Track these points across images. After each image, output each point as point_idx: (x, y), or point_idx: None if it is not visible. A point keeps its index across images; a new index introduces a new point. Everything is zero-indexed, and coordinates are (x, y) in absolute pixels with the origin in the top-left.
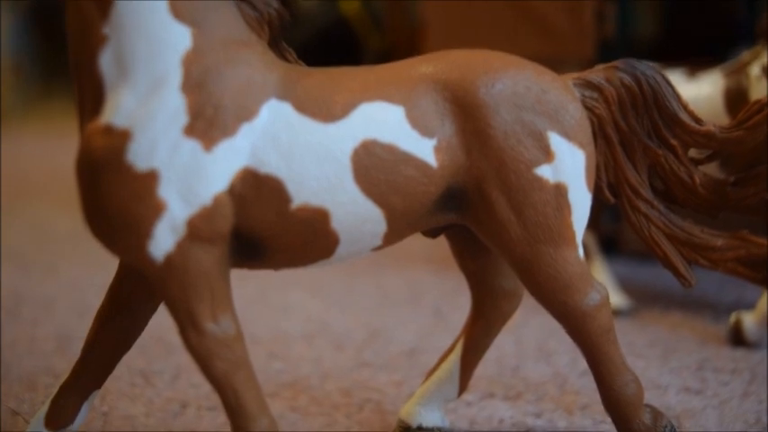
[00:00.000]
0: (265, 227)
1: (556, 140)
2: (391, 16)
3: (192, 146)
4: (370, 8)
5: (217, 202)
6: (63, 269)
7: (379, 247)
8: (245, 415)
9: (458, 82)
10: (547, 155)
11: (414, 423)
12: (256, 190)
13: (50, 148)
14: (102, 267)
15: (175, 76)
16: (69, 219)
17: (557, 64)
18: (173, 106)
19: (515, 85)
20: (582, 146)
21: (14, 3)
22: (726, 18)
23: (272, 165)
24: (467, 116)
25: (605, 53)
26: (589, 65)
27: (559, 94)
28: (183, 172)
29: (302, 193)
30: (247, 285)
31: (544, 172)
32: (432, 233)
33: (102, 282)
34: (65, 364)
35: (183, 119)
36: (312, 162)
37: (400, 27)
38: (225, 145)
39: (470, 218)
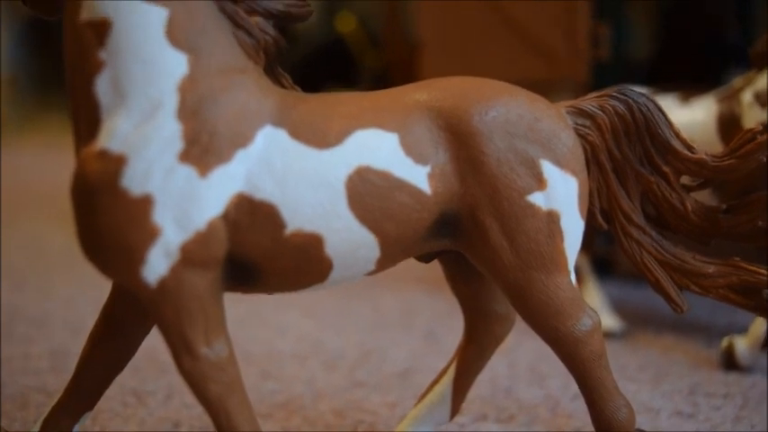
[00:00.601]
0: (260, 252)
1: (548, 168)
2: (388, 35)
3: (186, 172)
4: (366, 27)
5: (211, 227)
6: (58, 285)
7: (373, 272)
8: None
9: (452, 110)
10: (539, 182)
11: None
12: (251, 215)
13: (46, 163)
14: (98, 284)
15: (171, 102)
16: (65, 234)
17: (552, 86)
18: (168, 132)
19: (508, 112)
20: (574, 173)
21: (12, 17)
22: (719, 41)
23: (266, 190)
24: (460, 143)
25: (600, 76)
26: (584, 87)
27: (552, 122)
28: (177, 197)
29: (296, 219)
30: (241, 304)
31: (537, 199)
32: (425, 258)
33: (98, 298)
34: (58, 383)
35: (178, 145)
36: (307, 188)
37: (396, 46)
38: (220, 171)
39: (464, 244)
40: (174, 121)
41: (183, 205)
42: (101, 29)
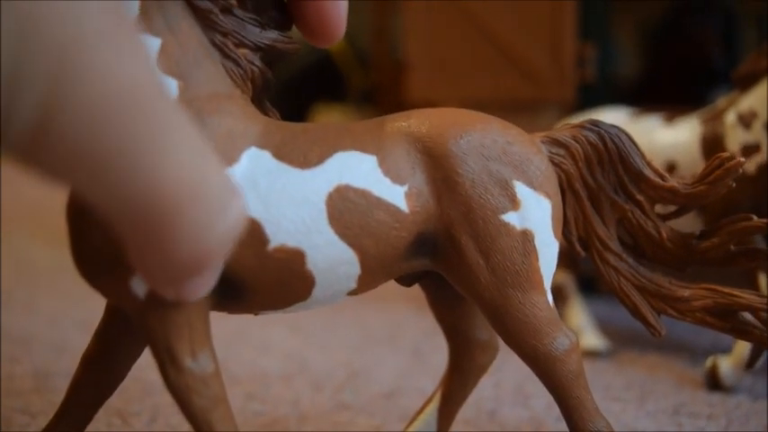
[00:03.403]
0: (244, 267)
1: (522, 189)
2: (375, 54)
3: None
4: (354, 46)
5: None
6: (42, 304)
7: (355, 292)
8: None
9: (428, 134)
10: (513, 202)
11: None
12: None
13: (33, 181)
14: (81, 303)
15: None
16: (49, 253)
17: (538, 106)
18: None
19: (483, 137)
20: (548, 195)
21: None
22: (704, 63)
23: (251, 207)
24: (436, 165)
25: (586, 96)
26: (570, 107)
27: (524, 146)
28: None
29: (279, 235)
30: (227, 324)
31: (511, 218)
32: (407, 281)
33: (82, 318)
34: (42, 404)
35: None
36: (289, 205)
37: (384, 65)
38: None
39: (442, 264)
40: None
41: None
42: None
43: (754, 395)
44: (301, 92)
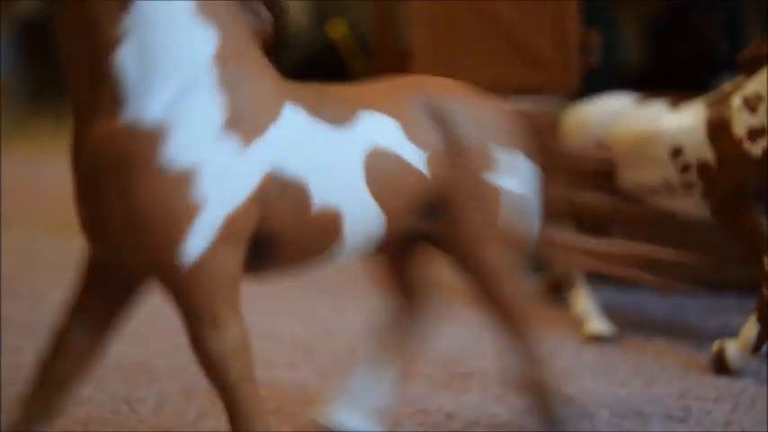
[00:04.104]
0: (283, 227)
1: (506, 154)
2: (378, 42)
3: (228, 145)
4: (356, 33)
5: (248, 201)
6: (48, 294)
7: (367, 255)
8: (252, 421)
9: (438, 100)
10: (500, 166)
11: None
12: (281, 191)
13: (37, 170)
14: None
15: (208, 76)
16: (55, 243)
17: (541, 93)
18: (208, 105)
19: (470, 105)
20: (529, 159)
21: (3, 24)
22: (708, 47)
23: (295, 166)
24: (445, 132)
25: (590, 82)
26: (574, 94)
27: (505, 115)
28: (219, 171)
29: (321, 194)
30: None
31: (499, 180)
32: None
33: None
34: None
35: (218, 118)
36: (330, 163)
37: (387, 53)
38: (257, 144)
39: (439, 227)
40: (212, 95)
41: (224, 179)
42: (121, 1)
43: (761, 379)
44: (304, 80)
